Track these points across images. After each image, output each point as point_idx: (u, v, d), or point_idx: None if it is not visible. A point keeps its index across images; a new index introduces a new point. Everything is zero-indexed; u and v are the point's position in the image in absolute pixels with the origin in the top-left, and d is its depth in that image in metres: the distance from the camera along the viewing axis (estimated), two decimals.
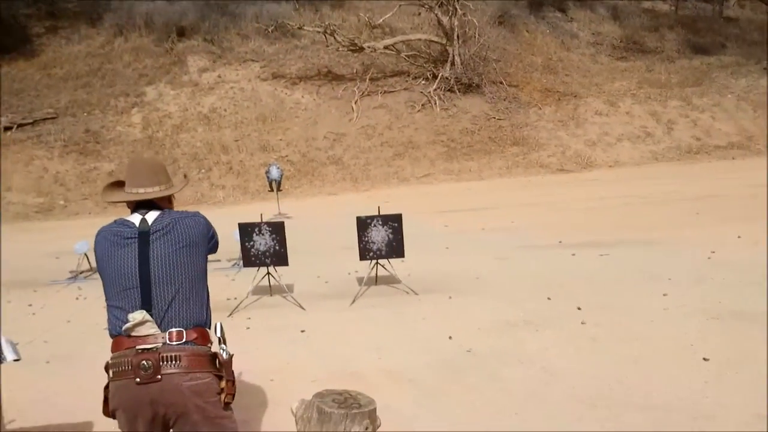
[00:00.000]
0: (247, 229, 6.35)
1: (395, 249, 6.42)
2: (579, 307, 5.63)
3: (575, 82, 21.88)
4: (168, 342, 2.26)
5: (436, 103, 19.58)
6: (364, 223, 6.41)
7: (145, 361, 2.20)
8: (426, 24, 22.16)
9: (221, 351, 2.40)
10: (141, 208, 2.49)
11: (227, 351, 2.42)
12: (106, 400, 2.33)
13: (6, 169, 15.98)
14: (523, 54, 23.09)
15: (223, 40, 21.54)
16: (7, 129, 17.19)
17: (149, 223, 2.42)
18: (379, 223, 6.40)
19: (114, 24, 21.85)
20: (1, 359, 3.10)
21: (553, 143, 18.84)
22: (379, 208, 6.67)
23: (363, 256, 6.46)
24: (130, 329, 2.26)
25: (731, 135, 19.55)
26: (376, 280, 6.74)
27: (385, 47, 20.66)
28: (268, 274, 6.48)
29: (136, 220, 2.44)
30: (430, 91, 19.83)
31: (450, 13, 20.23)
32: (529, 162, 17.96)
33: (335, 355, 4.87)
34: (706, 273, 6.54)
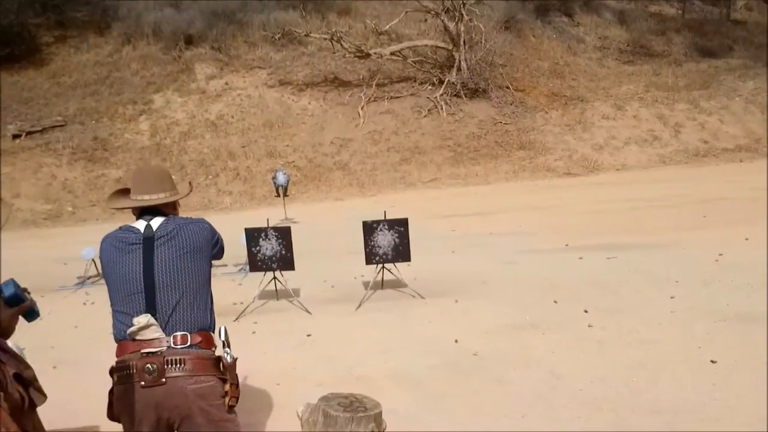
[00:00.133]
0: (253, 234, 6.37)
1: (401, 253, 6.42)
2: (586, 310, 5.61)
3: (582, 86, 21.86)
4: (172, 345, 2.27)
5: (442, 108, 19.59)
6: (370, 228, 6.41)
7: (150, 364, 2.22)
8: (432, 30, 22.20)
9: (225, 354, 2.42)
10: (146, 215, 2.52)
11: (231, 354, 2.43)
12: (111, 404, 2.35)
13: (15, 176, 16.10)
14: (530, 59, 23.09)
15: (231, 48, 21.65)
16: (15, 137, 17.33)
17: (154, 229, 2.44)
18: (386, 227, 6.40)
19: (122, 32, 22.03)
20: None
21: (560, 147, 18.81)
22: (385, 212, 6.68)
23: (369, 261, 6.47)
24: (134, 333, 2.28)
25: (739, 138, 19.46)
26: (383, 284, 6.75)
27: (392, 53, 20.72)
28: (275, 278, 6.50)
29: (140, 226, 2.47)
30: (436, 97, 19.85)
31: (456, 19, 20.27)
32: (536, 166, 17.93)
33: (341, 358, 4.86)
34: (713, 275, 6.51)
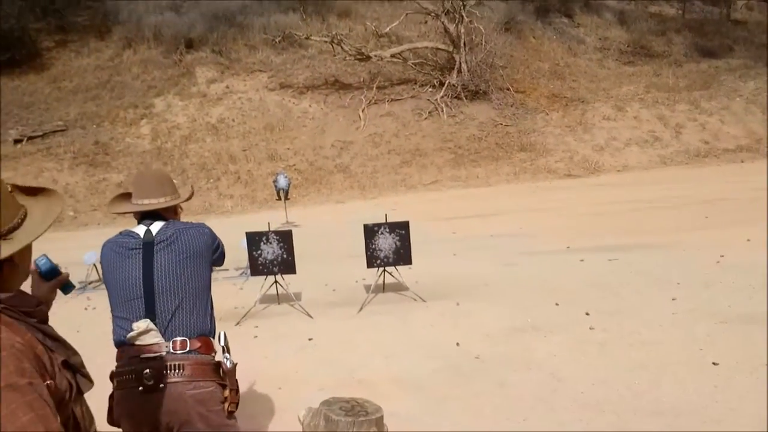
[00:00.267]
0: (254, 238, 6.36)
1: (402, 256, 6.41)
2: (587, 313, 5.60)
3: (582, 88, 21.87)
4: (172, 351, 2.27)
5: (443, 111, 19.61)
6: (371, 231, 6.40)
7: (149, 369, 2.21)
8: (433, 32, 22.25)
9: (225, 360, 2.41)
10: (147, 219, 2.51)
11: (231, 360, 2.43)
12: (111, 409, 2.35)
13: (16, 181, 16.02)
14: (530, 60, 23.11)
15: (231, 51, 21.70)
16: (17, 142, 17.38)
17: (153, 233, 2.44)
18: (387, 230, 6.39)
19: (123, 37, 22.10)
20: None
21: (561, 149, 18.81)
22: (386, 215, 6.67)
23: (370, 264, 6.46)
24: (134, 338, 2.27)
25: (740, 138, 19.45)
26: (384, 288, 6.73)
27: (392, 56, 20.76)
28: (276, 282, 6.49)
29: (140, 231, 2.46)
30: (437, 99, 19.87)
31: (456, 21, 20.31)
32: (537, 168, 17.94)
33: (342, 362, 4.85)
34: (715, 277, 6.49)
